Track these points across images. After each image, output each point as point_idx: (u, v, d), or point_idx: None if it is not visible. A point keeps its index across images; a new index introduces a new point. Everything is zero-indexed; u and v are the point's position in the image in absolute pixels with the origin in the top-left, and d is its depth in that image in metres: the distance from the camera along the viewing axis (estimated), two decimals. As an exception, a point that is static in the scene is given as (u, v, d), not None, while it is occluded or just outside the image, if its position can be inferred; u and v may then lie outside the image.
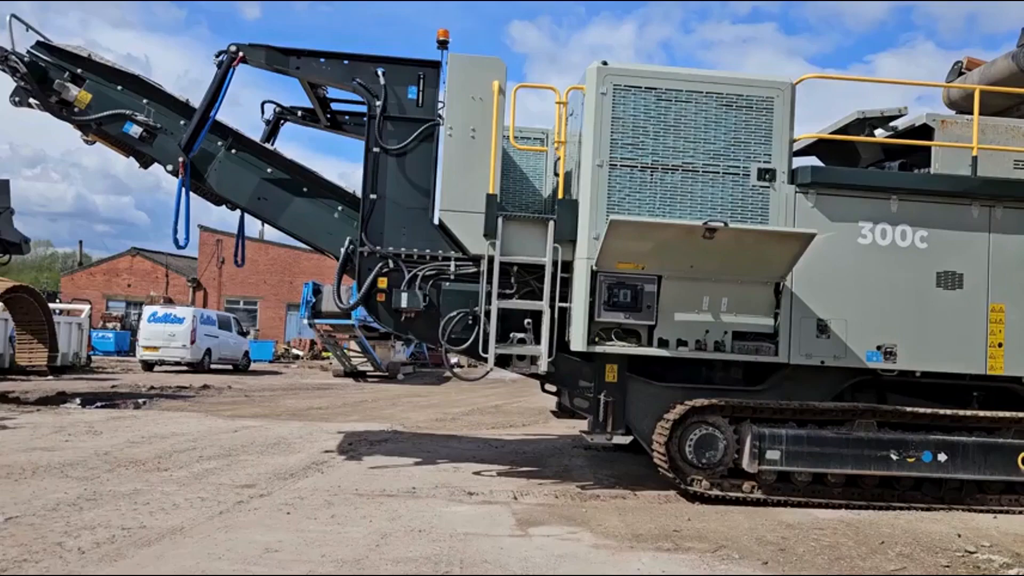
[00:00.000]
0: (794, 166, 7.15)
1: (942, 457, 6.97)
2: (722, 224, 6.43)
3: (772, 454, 6.88)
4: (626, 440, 7.30)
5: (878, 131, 8.27)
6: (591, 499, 6.97)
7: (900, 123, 8.05)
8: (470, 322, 7.24)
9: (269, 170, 7.67)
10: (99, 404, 13.46)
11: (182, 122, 7.54)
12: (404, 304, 7.16)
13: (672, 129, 6.99)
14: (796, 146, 8.64)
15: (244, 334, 29.55)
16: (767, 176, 7.03)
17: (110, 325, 37.71)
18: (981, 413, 7.12)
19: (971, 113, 9.10)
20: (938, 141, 7.41)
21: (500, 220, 7.04)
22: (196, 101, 7.54)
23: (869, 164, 8.37)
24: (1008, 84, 8.33)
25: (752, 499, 6.92)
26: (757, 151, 7.04)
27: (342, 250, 7.40)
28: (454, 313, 7.23)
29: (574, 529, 5.84)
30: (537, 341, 7.12)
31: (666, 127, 6.98)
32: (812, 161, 9.10)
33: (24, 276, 42.76)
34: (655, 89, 6.99)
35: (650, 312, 6.95)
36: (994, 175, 7.29)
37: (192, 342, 24.85)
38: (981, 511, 6.96)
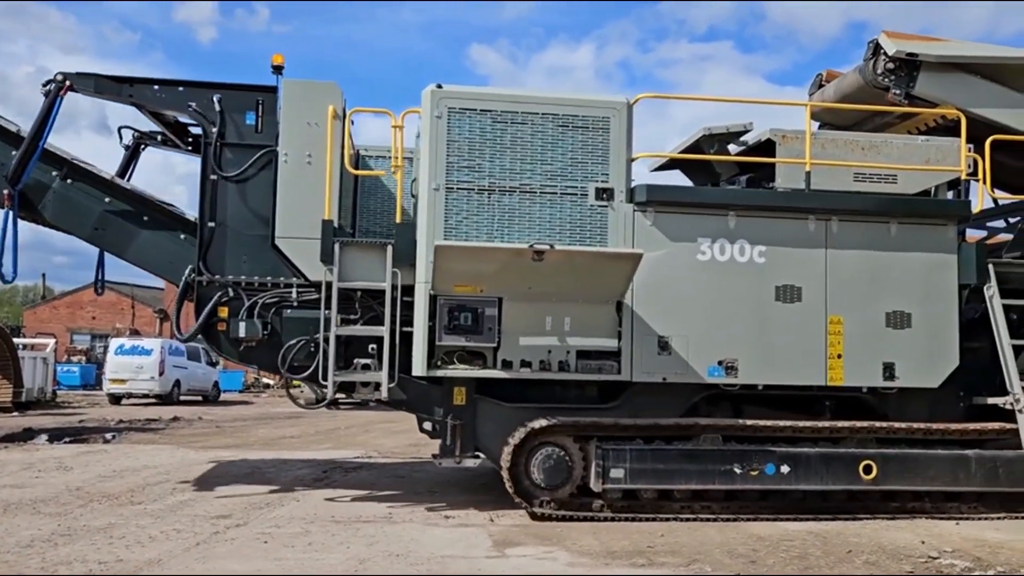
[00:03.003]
0: (632, 184, 7.19)
1: (785, 469, 7.05)
2: (548, 247, 6.44)
3: (616, 472, 6.90)
4: (475, 463, 7.27)
5: (731, 146, 8.38)
6: (566, 518, 6.96)
7: (750, 138, 8.16)
8: (312, 349, 7.17)
9: (108, 200, 7.53)
10: (67, 439, 13.19)
11: (13, 152, 7.35)
12: (242, 333, 7.08)
13: (508, 151, 6.99)
14: (649, 165, 8.81)
15: (213, 364, 29.09)
16: (605, 195, 7.06)
17: (75, 359, 36.89)
18: (820, 424, 7.22)
19: (830, 125, 9.34)
20: (780, 156, 7.52)
21: (337, 246, 6.99)
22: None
23: (728, 179, 8.49)
24: (857, 97, 8.50)
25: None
26: (595, 171, 7.07)
27: (183, 279, 7.28)
28: (294, 341, 7.16)
29: (550, 549, 5.92)
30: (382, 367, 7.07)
31: (502, 149, 6.99)
32: (677, 178, 9.23)
33: (-17, 311, 41.86)
34: (490, 111, 6.99)
35: (492, 334, 6.93)
36: (834, 189, 7.42)
37: (161, 374, 24.53)
38: (943, 518, 7.10)
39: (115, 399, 24.67)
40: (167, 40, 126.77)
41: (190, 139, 8.85)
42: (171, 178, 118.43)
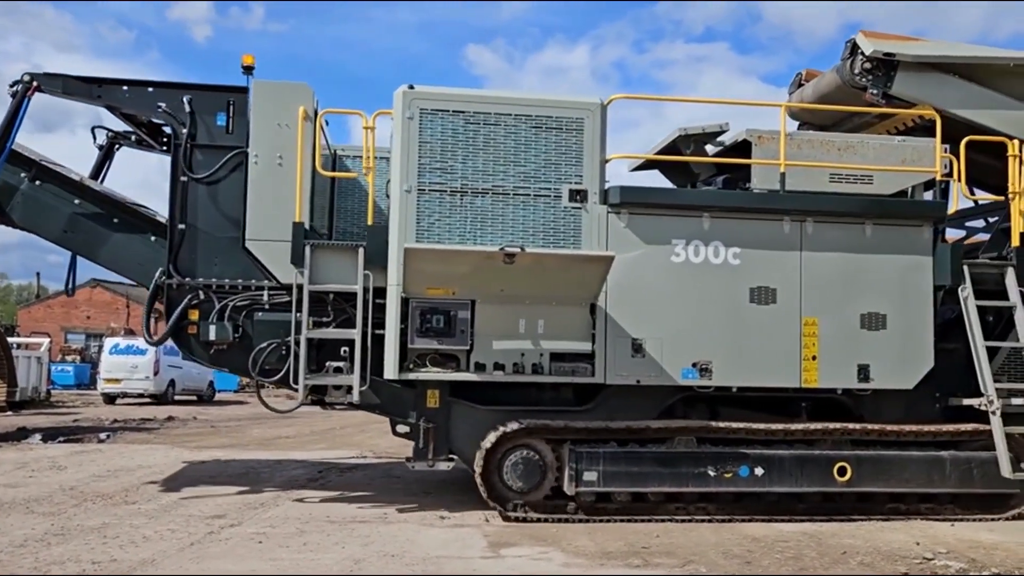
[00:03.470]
0: (606, 186, 7.14)
1: (759, 471, 7.02)
2: (519, 249, 6.40)
3: (589, 475, 6.87)
4: (448, 466, 7.24)
5: (708, 147, 8.34)
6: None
7: (727, 138, 8.12)
8: (284, 352, 7.11)
9: (77, 202, 7.46)
10: (61, 439, 13.13)
11: (-20, 155, 7.28)
12: (212, 337, 7.04)
13: (481, 152, 6.94)
14: (630, 165, 8.76)
15: (208, 364, 28.85)
16: (578, 197, 7.02)
17: (69, 358, 36.50)
18: (795, 426, 7.19)
19: (809, 125, 9.30)
20: (755, 157, 7.47)
21: (308, 248, 6.93)
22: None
23: (705, 180, 8.44)
24: (835, 97, 8.47)
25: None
26: (568, 172, 7.03)
27: (153, 281, 7.21)
28: (265, 344, 7.11)
29: (545, 549, 5.92)
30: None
31: (475, 150, 6.93)
32: (656, 178, 9.19)
33: (-24, 310, 41.76)
34: (463, 112, 6.94)
35: (464, 337, 6.88)
36: (810, 190, 7.38)
37: (155, 373, 24.38)
38: (938, 520, 7.13)
39: (110, 399, 24.59)
40: (163, 39, 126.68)
41: (165, 139, 8.77)
42: (167, 178, 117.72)
